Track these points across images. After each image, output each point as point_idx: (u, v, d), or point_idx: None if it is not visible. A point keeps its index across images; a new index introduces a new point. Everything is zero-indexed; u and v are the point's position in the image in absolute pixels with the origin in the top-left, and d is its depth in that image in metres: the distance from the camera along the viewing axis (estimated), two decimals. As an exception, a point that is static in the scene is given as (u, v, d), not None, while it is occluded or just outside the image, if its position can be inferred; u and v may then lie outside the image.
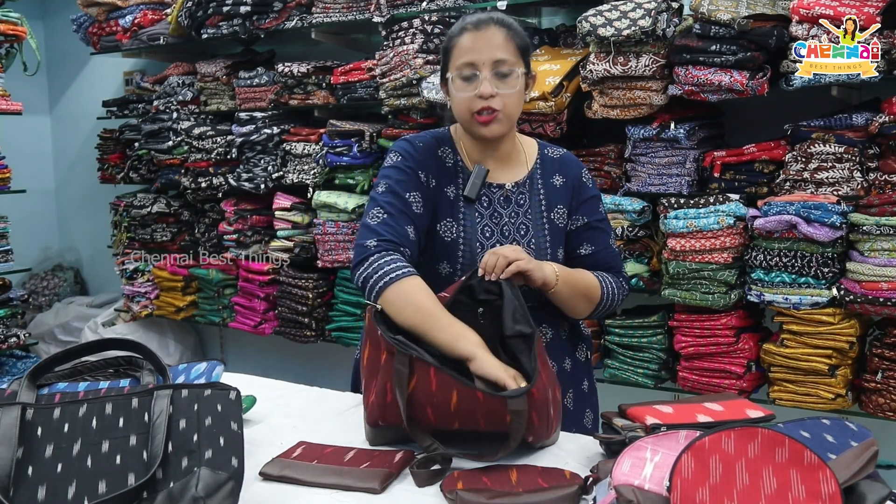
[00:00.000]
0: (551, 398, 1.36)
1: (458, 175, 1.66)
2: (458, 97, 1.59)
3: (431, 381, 1.31)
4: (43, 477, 1.05)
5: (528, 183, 1.67)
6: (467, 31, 1.58)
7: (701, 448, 1.03)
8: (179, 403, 1.12)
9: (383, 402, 1.37)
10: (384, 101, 3.28)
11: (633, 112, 2.75)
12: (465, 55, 1.57)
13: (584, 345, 1.76)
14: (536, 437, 1.36)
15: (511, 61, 1.57)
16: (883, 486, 1.05)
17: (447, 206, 1.62)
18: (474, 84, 1.56)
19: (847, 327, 2.50)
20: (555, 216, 1.67)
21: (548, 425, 1.36)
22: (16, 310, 3.91)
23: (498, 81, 1.56)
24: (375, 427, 1.41)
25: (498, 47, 1.56)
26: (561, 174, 1.69)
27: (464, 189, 1.63)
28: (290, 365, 4.03)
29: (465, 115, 1.59)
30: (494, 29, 1.58)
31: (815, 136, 2.50)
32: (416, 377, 1.32)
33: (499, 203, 1.65)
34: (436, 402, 1.32)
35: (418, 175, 1.62)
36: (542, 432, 1.36)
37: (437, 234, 1.61)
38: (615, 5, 2.71)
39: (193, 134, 3.86)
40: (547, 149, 1.73)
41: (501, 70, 1.56)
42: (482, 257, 1.48)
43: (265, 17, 3.60)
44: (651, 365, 2.86)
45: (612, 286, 1.66)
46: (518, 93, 1.60)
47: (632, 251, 2.86)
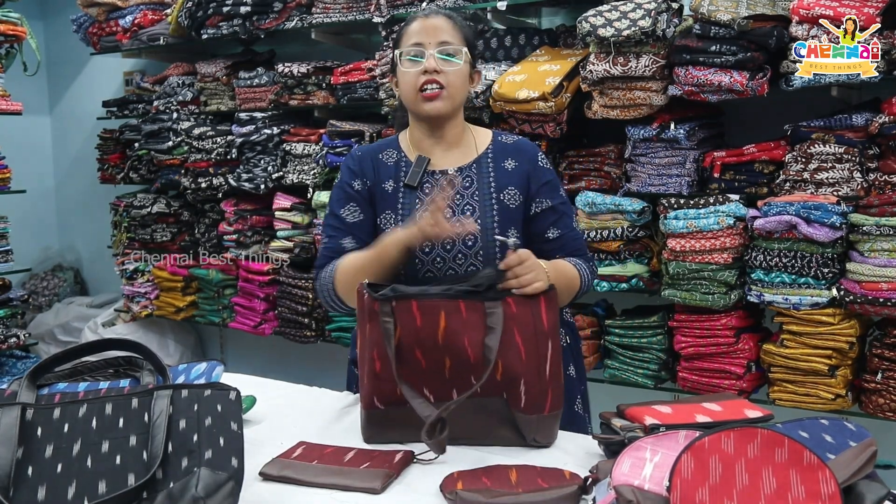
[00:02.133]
0: (542, 347, 1.40)
1: (399, 170, 1.73)
2: (404, 76, 1.67)
3: (415, 316, 1.39)
4: (43, 477, 1.05)
5: (474, 166, 1.71)
6: (416, 19, 1.71)
7: (700, 448, 1.03)
8: (179, 403, 1.12)
9: (373, 373, 1.41)
10: (384, 101, 3.28)
11: (633, 112, 2.75)
12: (413, 37, 1.68)
13: (564, 330, 1.77)
14: (529, 393, 1.39)
15: (456, 44, 1.67)
16: (881, 486, 1.05)
17: (386, 200, 1.70)
18: (420, 63, 1.65)
19: (847, 328, 2.50)
20: (505, 197, 1.68)
21: (539, 378, 1.39)
22: (16, 310, 3.91)
23: (443, 61, 1.65)
24: (371, 411, 1.43)
25: (444, 31, 1.68)
26: (514, 158, 1.73)
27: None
28: (290, 365, 4.02)
29: (411, 93, 1.67)
30: (442, 18, 1.69)
31: (815, 137, 2.50)
32: (398, 325, 1.39)
33: (440, 188, 1.67)
34: (423, 337, 1.39)
35: (352, 186, 1.73)
36: (534, 389, 1.39)
37: (378, 226, 1.70)
38: (615, 6, 2.71)
39: (193, 134, 3.86)
40: (501, 136, 1.78)
41: (447, 49, 1.66)
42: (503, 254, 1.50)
43: (265, 17, 3.60)
44: (651, 365, 2.86)
45: (587, 272, 1.70)
46: (462, 72, 1.67)
47: (632, 251, 2.86)
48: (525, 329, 1.40)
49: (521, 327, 1.40)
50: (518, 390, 1.40)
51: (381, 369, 1.40)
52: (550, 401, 1.41)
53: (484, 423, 1.42)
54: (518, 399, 1.40)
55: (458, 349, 1.39)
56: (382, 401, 1.42)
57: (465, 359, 1.39)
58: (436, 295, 1.40)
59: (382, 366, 1.40)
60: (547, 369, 1.41)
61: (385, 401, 1.42)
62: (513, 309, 1.41)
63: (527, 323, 1.40)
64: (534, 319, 1.41)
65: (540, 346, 1.41)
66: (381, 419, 1.43)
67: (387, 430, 1.44)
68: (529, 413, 1.40)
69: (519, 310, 1.41)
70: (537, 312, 1.41)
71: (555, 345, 1.43)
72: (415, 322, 1.39)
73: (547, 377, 1.41)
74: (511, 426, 1.42)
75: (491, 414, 1.42)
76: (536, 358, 1.40)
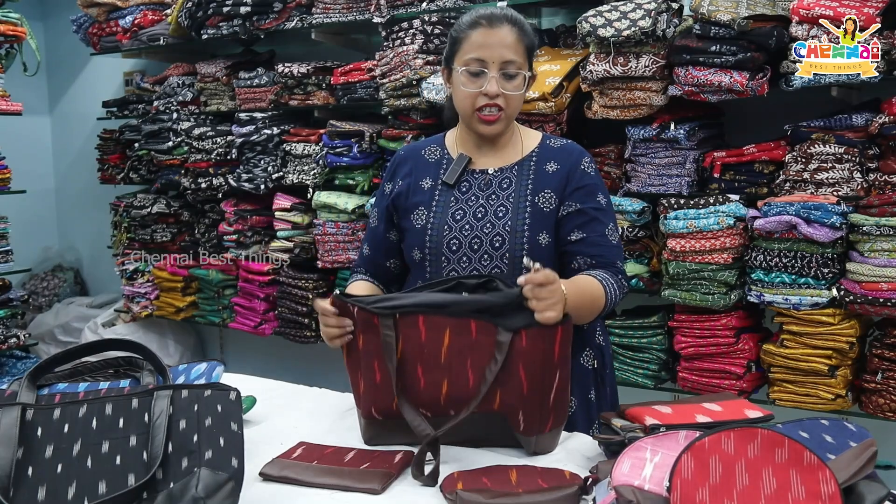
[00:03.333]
0: (548, 380, 1.34)
1: (440, 167, 1.71)
2: (462, 91, 1.61)
3: (420, 331, 1.35)
4: (43, 477, 1.05)
5: (515, 168, 1.68)
6: (480, 27, 1.60)
7: (701, 448, 1.03)
8: (179, 404, 1.12)
9: (373, 383, 1.39)
10: (384, 101, 3.28)
11: (633, 112, 2.75)
12: (475, 51, 1.59)
13: (593, 352, 1.72)
14: (528, 420, 1.34)
15: (519, 63, 1.60)
16: (881, 487, 1.05)
17: (421, 197, 1.69)
18: (480, 81, 1.59)
19: (847, 328, 2.50)
20: (539, 200, 1.63)
21: (540, 408, 1.35)
22: (16, 310, 3.91)
23: (504, 82, 1.59)
24: (370, 419, 1.42)
25: (508, 48, 1.58)
26: (557, 161, 1.67)
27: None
28: (290, 365, 4.02)
29: (468, 109, 1.62)
30: (507, 28, 1.60)
31: (815, 137, 2.50)
32: (401, 337, 1.36)
33: (478, 187, 1.67)
34: (426, 354, 1.35)
35: (384, 189, 1.76)
36: (533, 418, 1.34)
37: (410, 223, 1.68)
38: (615, 6, 2.71)
39: (193, 134, 3.86)
40: (550, 140, 1.73)
41: (509, 71, 1.59)
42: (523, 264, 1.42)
43: (265, 17, 3.60)
44: (651, 365, 2.86)
45: (614, 287, 1.59)
46: (522, 95, 1.63)
47: (632, 252, 2.86)
48: (531, 366, 1.33)
49: (527, 364, 1.33)
50: (517, 418, 1.36)
51: (382, 381, 1.38)
52: (552, 421, 1.37)
53: (483, 435, 1.39)
54: (517, 424, 1.37)
55: (458, 370, 1.35)
56: (381, 412, 1.40)
57: (464, 382, 1.35)
58: (447, 312, 1.35)
59: (383, 378, 1.38)
60: (551, 398, 1.36)
61: (383, 413, 1.40)
62: (523, 343, 1.32)
63: (534, 360, 1.33)
64: (543, 356, 1.33)
65: (546, 380, 1.35)
66: (380, 426, 1.42)
67: (387, 435, 1.43)
68: (528, 435, 1.37)
69: (529, 345, 1.33)
70: (550, 346, 1.34)
71: (563, 374, 1.36)
72: (419, 338, 1.36)
73: (550, 405, 1.36)
74: (511, 438, 1.40)
75: (490, 426, 1.38)
76: (539, 392, 1.34)
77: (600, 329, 1.76)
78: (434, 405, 1.38)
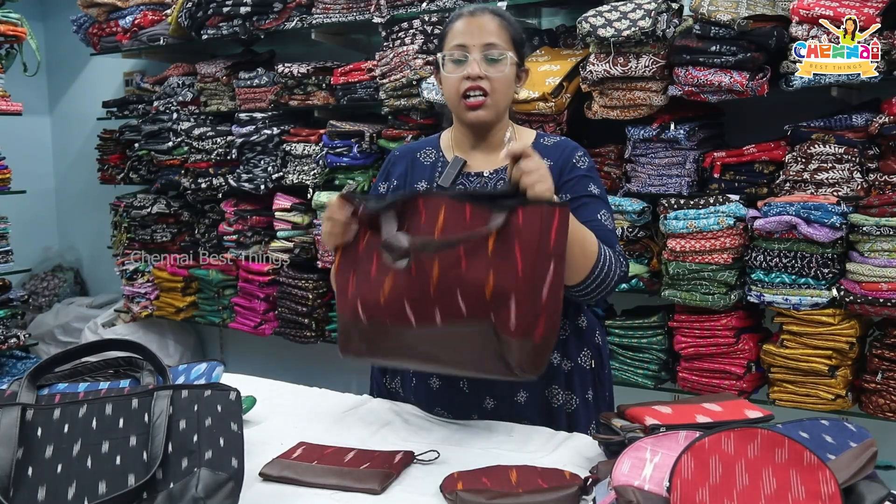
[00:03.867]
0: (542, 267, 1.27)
1: (435, 170, 1.70)
2: (447, 79, 1.63)
3: (420, 212, 1.36)
4: (43, 477, 1.05)
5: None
6: (462, 17, 1.63)
7: (701, 448, 1.03)
8: (179, 404, 1.12)
9: (367, 278, 1.38)
10: (384, 101, 3.28)
11: (633, 113, 2.75)
12: (457, 38, 1.61)
13: (591, 352, 1.70)
14: (519, 313, 1.27)
15: (502, 46, 1.60)
16: (881, 487, 1.05)
17: None
18: (464, 66, 1.59)
19: (847, 328, 2.50)
20: None
21: (533, 298, 1.27)
22: (16, 310, 3.91)
23: (487, 65, 1.59)
24: (353, 322, 1.40)
25: (490, 33, 1.60)
26: (551, 159, 1.66)
27: None
28: (290, 365, 4.03)
29: (454, 97, 1.62)
30: (489, 17, 1.62)
31: (815, 137, 2.50)
32: (405, 226, 1.37)
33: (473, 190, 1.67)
34: (422, 233, 1.34)
35: (378, 189, 1.75)
36: (524, 309, 1.27)
37: None
38: (615, 6, 2.71)
39: (193, 134, 3.87)
40: (543, 138, 1.73)
41: (491, 53, 1.59)
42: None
43: (265, 17, 3.60)
44: (651, 366, 2.86)
45: (608, 253, 1.52)
46: (507, 78, 1.61)
47: (632, 252, 2.86)
48: (527, 244, 1.27)
49: (523, 242, 1.27)
50: (508, 309, 1.27)
51: (376, 273, 1.37)
52: (543, 327, 1.28)
53: (469, 352, 1.33)
54: (507, 320, 1.27)
55: (449, 251, 1.31)
56: (366, 310, 1.38)
57: (455, 262, 1.30)
58: (444, 193, 1.37)
59: (378, 270, 1.37)
60: (544, 292, 1.27)
61: (369, 310, 1.37)
62: (520, 221, 1.28)
63: (531, 239, 1.27)
64: (540, 236, 1.27)
65: (539, 267, 1.27)
66: (362, 333, 1.40)
67: (365, 344, 1.41)
68: (518, 337, 1.27)
69: (526, 222, 1.27)
70: (546, 229, 1.27)
71: (557, 269, 1.28)
72: (420, 219, 1.36)
73: (542, 301, 1.27)
74: (498, 357, 1.31)
75: (476, 341, 1.31)
76: (533, 277, 1.27)
77: (599, 329, 1.76)
78: (424, 295, 1.32)
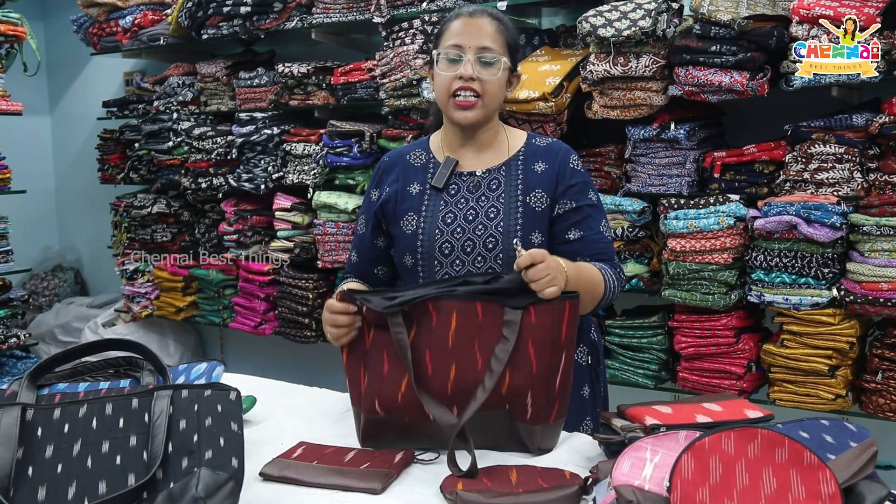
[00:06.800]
0: (555, 359, 1.34)
1: (426, 171, 1.71)
2: (439, 76, 1.64)
3: (431, 315, 1.36)
4: (43, 477, 1.05)
5: (503, 169, 1.68)
6: (460, 17, 1.65)
7: (701, 448, 1.03)
8: (180, 404, 1.12)
9: (379, 376, 1.38)
10: (384, 101, 3.28)
11: (633, 112, 2.75)
12: (453, 37, 1.63)
13: (587, 348, 1.73)
14: (535, 405, 1.33)
15: (496, 51, 1.62)
16: (882, 487, 1.05)
17: (410, 202, 1.69)
18: (457, 66, 1.61)
19: (847, 328, 2.50)
20: (531, 200, 1.64)
21: (548, 390, 1.34)
22: (16, 310, 3.91)
23: (481, 67, 1.61)
24: (372, 416, 1.39)
25: (486, 35, 1.62)
26: (545, 161, 1.68)
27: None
28: (290, 365, 4.03)
29: (444, 96, 1.64)
30: (487, 20, 1.64)
31: (816, 137, 2.50)
32: (415, 324, 1.36)
33: (467, 190, 1.67)
34: (434, 338, 1.35)
35: (370, 196, 1.76)
36: (541, 401, 1.34)
37: (401, 229, 1.68)
38: (615, 6, 2.71)
39: (193, 134, 3.87)
40: (535, 139, 1.74)
41: (486, 57, 1.61)
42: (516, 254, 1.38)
43: (265, 17, 3.60)
44: (651, 365, 2.86)
45: (613, 278, 1.61)
46: (499, 81, 1.63)
47: (632, 252, 2.86)
48: (540, 342, 1.33)
49: (537, 340, 1.33)
50: (524, 402, 1.35)
51: (389, 372, 1.37)
52: (557, 410, 1.37)
53: (485, 436, 1.37)
54: (523, 411, 1.35)
55: (466, 354, 1.35)
56: (384, 407, 1.38)
57: (471, 365, 1.34)
58: (453, 296, 1.35)
59: (391, 369, 1.37)
60: (557, 381, 1.36)
61: (387, 407, 1.38)
62: (532, 319, 1.33)
63: (544, 336, 1.33)
64: (552, 332, 1.33)
65: (553, 360, 1.34)
66: (381, 424, 1.40)
67: (385, 436, 1.41)
68: (533, 424, 1.36)
69: (538, 320, 1.33)
70: (558, 324, 1.34)
71: (568, 356, 1.37)
72: (430, 322, 1.36)
73: (556, 389, 1.36)
74: (513, 438, 1.38)
75: (492, 428, 1.37)
76: (548, 371, 1.34)
77: (594, 326, 1.78)
78: (441, 395, 1.36)
